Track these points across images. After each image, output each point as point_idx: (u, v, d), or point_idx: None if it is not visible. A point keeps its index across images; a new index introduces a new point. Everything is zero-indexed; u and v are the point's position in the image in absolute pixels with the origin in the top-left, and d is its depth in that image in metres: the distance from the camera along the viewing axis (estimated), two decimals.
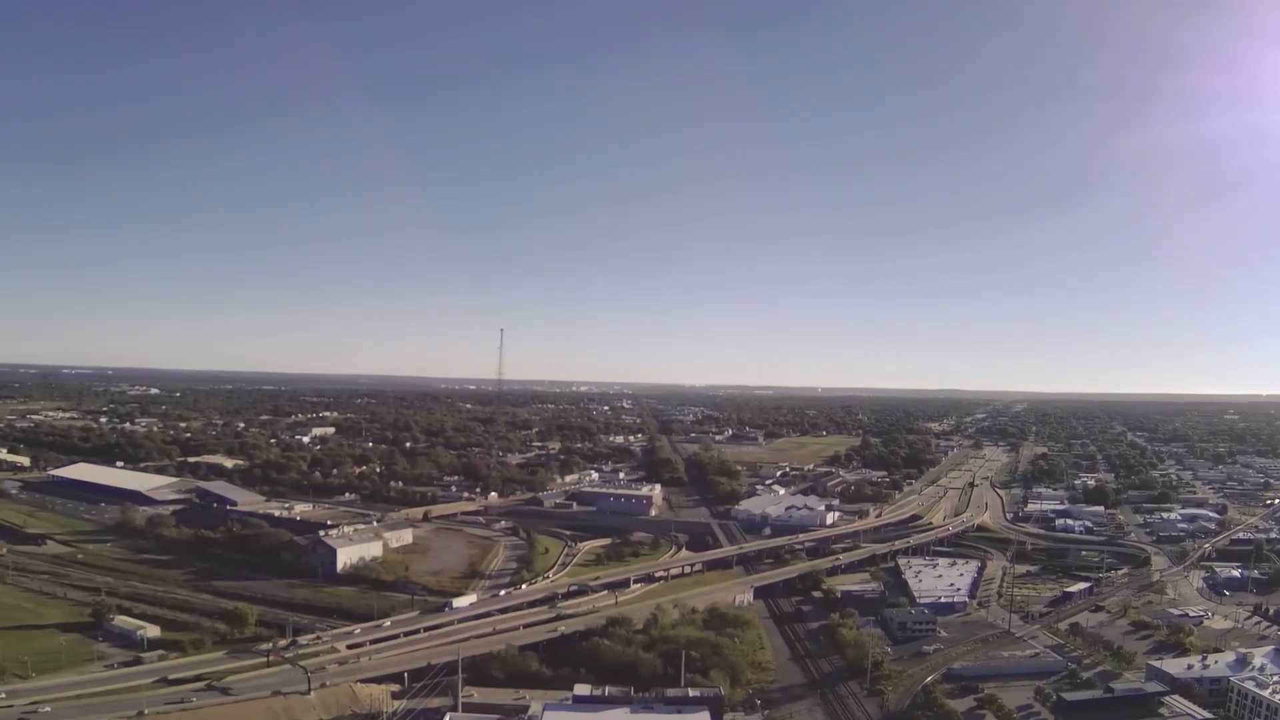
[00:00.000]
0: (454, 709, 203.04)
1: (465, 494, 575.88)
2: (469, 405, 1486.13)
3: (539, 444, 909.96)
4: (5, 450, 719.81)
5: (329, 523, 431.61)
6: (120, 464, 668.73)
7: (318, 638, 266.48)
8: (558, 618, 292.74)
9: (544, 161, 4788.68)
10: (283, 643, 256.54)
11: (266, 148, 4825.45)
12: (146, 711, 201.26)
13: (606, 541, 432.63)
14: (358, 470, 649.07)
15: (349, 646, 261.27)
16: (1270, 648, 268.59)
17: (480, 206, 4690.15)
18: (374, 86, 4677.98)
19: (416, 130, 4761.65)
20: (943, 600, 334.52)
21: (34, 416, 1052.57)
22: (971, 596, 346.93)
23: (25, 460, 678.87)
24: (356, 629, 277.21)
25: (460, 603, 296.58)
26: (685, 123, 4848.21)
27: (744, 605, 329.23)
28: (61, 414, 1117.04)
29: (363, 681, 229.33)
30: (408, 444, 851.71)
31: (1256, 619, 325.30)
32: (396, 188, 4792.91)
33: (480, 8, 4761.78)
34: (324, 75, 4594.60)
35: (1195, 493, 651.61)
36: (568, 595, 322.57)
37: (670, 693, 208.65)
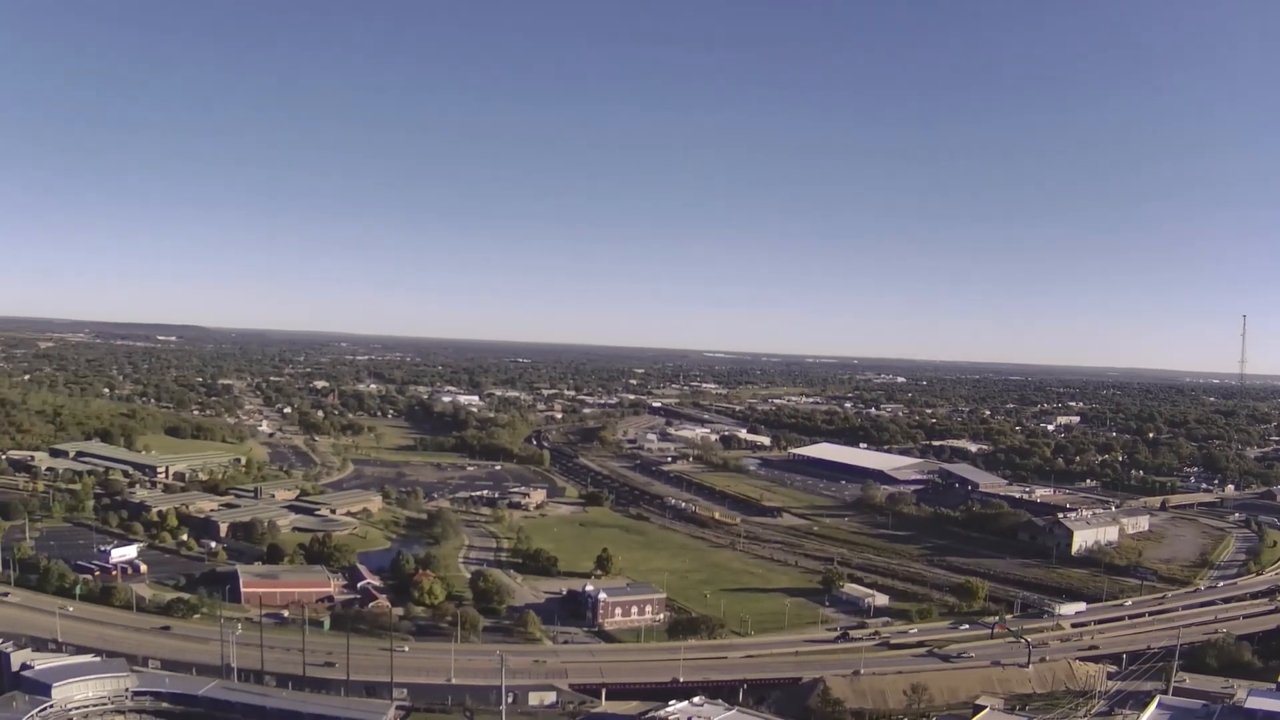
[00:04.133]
0: (1164, 691, 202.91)
1: (1203, 485, 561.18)
2: (1211, 399, 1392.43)
3: (1277, 438, 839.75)
4: (745, 430, 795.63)
5: (1068, 506, 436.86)
6: (863, 445, 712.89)
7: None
8: (1277, 610, 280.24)
9: None
10: (1009, 617, 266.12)
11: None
12: (863, 671, 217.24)
13: None
14: (1100, 458, 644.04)
15: (1073, 625, 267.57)
16: None
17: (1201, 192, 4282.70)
18: None
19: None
20: None
21: (776, 401, 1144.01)
22: None
23: (766, 440, 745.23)
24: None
25: (1065, 610, 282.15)
26: None
27: None
28: (805, 399, 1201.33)
29: (1081, 659, 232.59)
30: (1150, 434, 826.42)
31: None
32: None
33: None
34: None
35: None
36: None
37: None
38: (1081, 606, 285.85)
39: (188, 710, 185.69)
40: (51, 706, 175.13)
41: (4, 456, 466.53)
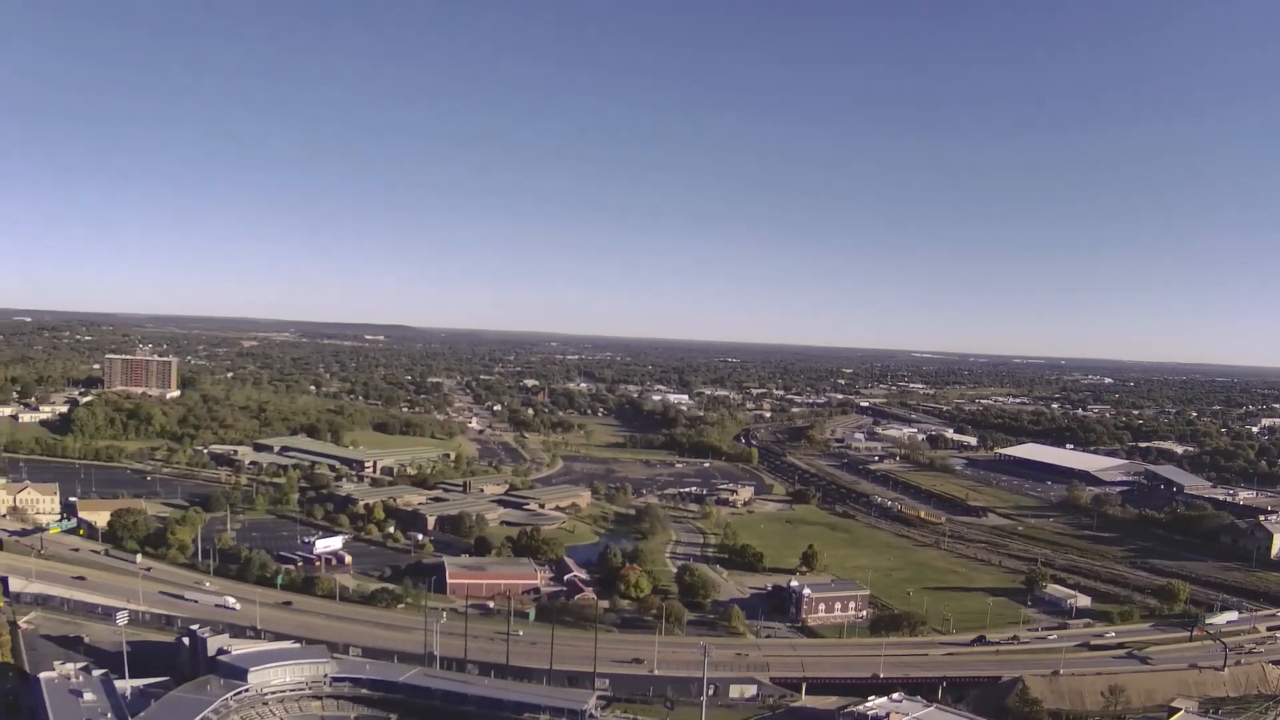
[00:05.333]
0: None
1: None
2: None
3: None
4: (952, 430, 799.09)
5: (1269, 509, 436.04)
6: (1069, 446, 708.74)
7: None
8: None
9: None
10: (1208, 620, 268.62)
11: None
12: (1062, 671, 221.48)
13: None
14: None
15: (1269, 629, 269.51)
16: None
17: None
18: None
19: None
20: None
21: (983, 401, 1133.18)
22: None
23: (972, 440, 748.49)
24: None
25: (1218, 619, 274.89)
26: None
27: None
28: (1011, 399, 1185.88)
29: (1275, 663, 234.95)
30: None
31: None
32: None
33: None
34: None
35: None
36: None
37: None
38: (1234, 615, 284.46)
39: (387, 696, 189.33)
40: (247, 690, 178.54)
41: (206, 451, 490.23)
